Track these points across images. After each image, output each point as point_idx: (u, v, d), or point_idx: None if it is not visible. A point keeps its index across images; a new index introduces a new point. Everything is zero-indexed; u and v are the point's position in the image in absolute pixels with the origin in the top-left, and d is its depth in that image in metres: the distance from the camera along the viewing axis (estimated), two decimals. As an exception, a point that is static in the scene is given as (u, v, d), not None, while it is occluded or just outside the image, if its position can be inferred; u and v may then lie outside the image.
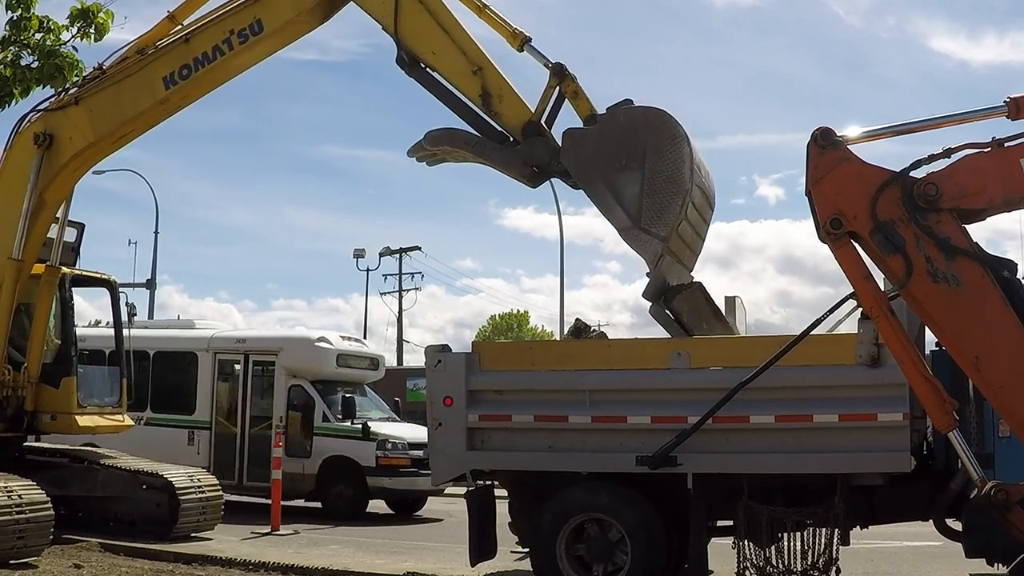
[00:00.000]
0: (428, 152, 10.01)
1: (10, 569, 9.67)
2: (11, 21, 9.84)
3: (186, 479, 13.15)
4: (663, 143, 8.68)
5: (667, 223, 8.61)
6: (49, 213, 12.02)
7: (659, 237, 8.62)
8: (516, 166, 9.52)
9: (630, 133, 8.82)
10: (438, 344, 9.96)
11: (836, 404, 8.46)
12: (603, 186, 8.90)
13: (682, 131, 8.70)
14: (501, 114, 9.56)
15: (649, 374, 9.04)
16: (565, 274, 42.15)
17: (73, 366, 12.91)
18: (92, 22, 9.96)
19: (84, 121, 11.21)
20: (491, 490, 10.02)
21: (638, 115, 8.89)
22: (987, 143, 6.48)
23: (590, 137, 9.08)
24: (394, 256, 54.73)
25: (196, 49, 10.64)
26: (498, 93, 9.53)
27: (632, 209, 8.71)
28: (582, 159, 9.05)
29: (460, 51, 9.65)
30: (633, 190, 8.70)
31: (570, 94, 9.44)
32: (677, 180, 8.61)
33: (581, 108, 9.40)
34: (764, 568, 8.71)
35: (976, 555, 8.18)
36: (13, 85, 9.97)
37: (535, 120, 9.46)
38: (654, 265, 8.67)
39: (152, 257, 36.24)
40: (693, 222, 9.17)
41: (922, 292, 6.41)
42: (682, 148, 8.61)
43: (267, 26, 10.39)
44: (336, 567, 11.15)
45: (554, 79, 9.44)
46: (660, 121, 8.75)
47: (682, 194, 8.59)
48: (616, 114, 9.05)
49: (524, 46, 9.77)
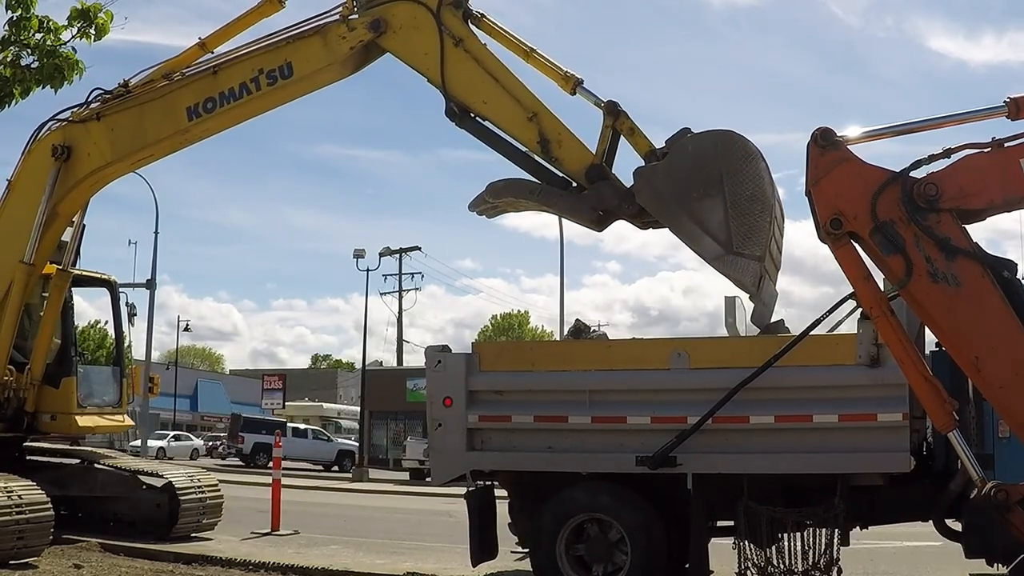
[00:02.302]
0: (490, 205, 9.68)
1: (10, 569, 9.67)
2: (11, 21, 9.85)
3: (186, 479, 13.15)
4: (738, 163, 8.45)
5: (760, 242, 8.36)
6: (62, 224, 11.96)
7: (755, 257, 8.34)
8: (585, 212, 9.23)
9: (702, 160, 8.53)
10: (438, 344, 9.96)
11: (836, 404, 8.45)
12: (686, 218, 8.58)
13: (754, 148, 8.51)
14: (562, 160, 9.28)
15: (649, 374, 9.04)
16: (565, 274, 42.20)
17: (73, 366, 12.92)
18: (92, 22, 9.97)
19: (104, 139, 11.09)
20: (491, 490, 10.02)
21: (706, 140, 8.63)
22: (987, 143, 6.49)
23: (662, 171, 8.78)
24: (394, 256, 54.85)
25: (223, 84, 10.42)
26: (556, 139, 9.25)
27: (721, 235, 8.41)
28: (659, 195, 8.75)
29: (513, 98, 9.37)
30: (717, 216, 8.42)
31: (626, 131, 9.20)
32: (760, 198, 8.40)
33: (640, 145, 9.16)
34: (765, 568, 8.71)
35: (976, 555, 8.18)
36: (13, 85, 9.98)
37: (597, 163, 9.17)
38: (756, 288, 8.39)
39: (152, 257, 36.26)
40: (776, 239, 8.95)
41: (922, 292, 6.41)
42: (758, 165, 8.42)
43: (297, 71, 10.15)
44: (336, 567, 11.14)
45: (609, 118, 9.20)
46: (731, 142, 8.52)
47: (768, 210, 8.38)
48: (684, 144, 8.76)
49: (576, 89, 9.50)
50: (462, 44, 9.47)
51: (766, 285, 8.54)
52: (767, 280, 8.55)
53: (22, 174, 11.70)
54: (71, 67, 10.05)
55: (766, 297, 8.73)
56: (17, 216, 11.57)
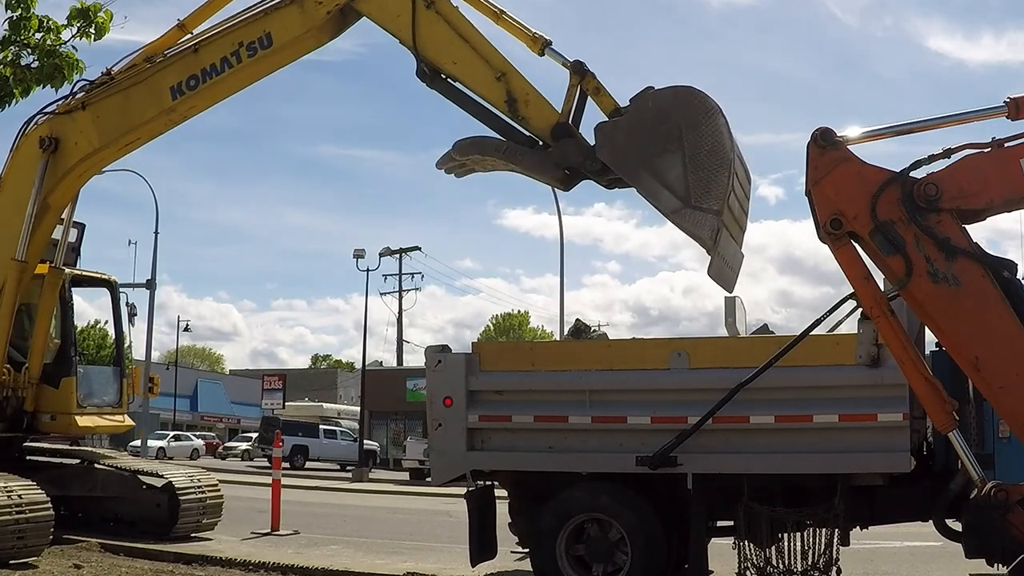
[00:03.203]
0: (457, 163, 9.84)
1: (10, 569, 9.67)
2: (11, 21, 9.84)
3: (186, 479, 13.16)
4: (698, 118, 8.48)
5: (718, 197, 8.38)
6: (53, 217, 12.00)
7: (712, 211, 8.35)
8: (548, 169, 9.36)
9: (662, 115, 8.59)
10: (438, 344, 9.97)
11: (836, 404, 8.46)
12: (646, 173, 8.64)
13: (713, 103, 8.53)
14: (528, 118, 9.41)
15: (649, 374, 9.04)
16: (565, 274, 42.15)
17: (73, 366, 12.91)
18: (92, 22, 9.96)
19: (90, 127, 11.17)
20: (491, 490, 10.03)
21: (666, 96, 8.66)
22: (987, 143, 6.49)
23: (623, 128, 8.87)
24: (394, 256, 54.86)
25: (204, 60, 10.55)
26: (524, 98, 9.40)
27: (679, 189, 8.44)
28: (619, 151, 8.83)
29: (482, 59, 9.52)
30: (677, 171, 8.46)
31: (592, 91, 9.30)
32: (719, 153, 8.41)
33: (604, 103, 9.28)
34: (764, 568, 8.71)
35: (976, 555, 8.17)
36: (13, 85, 9.97)
37: (563, 121, 9.31)
38: (714, 241, 8.40)
39: (152, 257, 36.19)
40: (739, 196, 8.98)
41: (922, 292, 6.41)
42: (717, 120, 8.43)
43: (276, 40, 10.28)
44: (336, 567, 11.15)
45: (575, 77, 9.34)
46: (690, 97, 8.54)
47: (726, 164, 8.39)
48: (644, 99, 8.83)
49: (544, 50, 9.66)
50: (433, 6, 9.61)
51: (724, 240, 8.55)
52: (724, 235, 8.56)
53: (11, 171, 11.70)
54: (71, 67, 10.05)
55: (725, 252, 8.73)
56: (7, 214, 11.57)
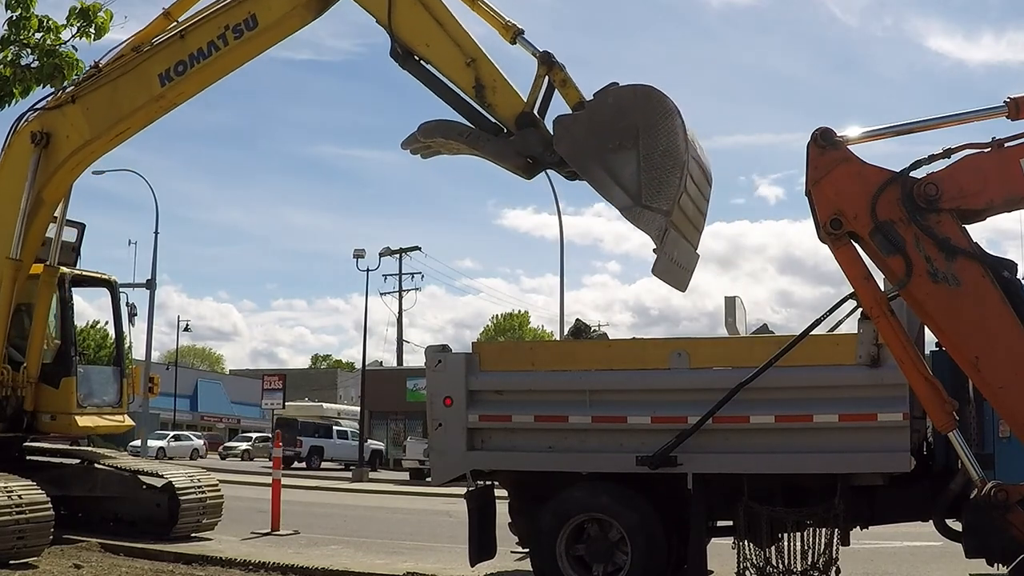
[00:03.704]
0: (422, 144, 10.00)
1: (10, 569, 9.67)
2: (11, 21, 9.85)
3: (186, 479, 13.15)
4: (654, 118, 8.61)
5: (668, 197, 8.52)
6: (47, 212, 12.03)
7: (662, 211, 8.51)
8: (510, 157, 9.51)
9: (620, 112, 8.74)
10: (438, 344, 9.97)
11: (836, 404, 8.46)
12: (600, 169, 8.83)
13: (672, 104, 8.64)
14: (495, 105, 9.56)
15: (649, 374, 9.04)
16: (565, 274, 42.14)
17: (73, 366, 12.91)
18: (92, 21, 9.97)
19: (81, 119, 11.25)
20: (491, 490, 10.02)
21: (627, 93, 8.80)
22: (987, 143, 6.48)
23: (581, 122, 9.02)
24: (394, 256, 54.83)
25: (191, 45, 10.68)
26: (492, 84, 9.54)
27: (631, 187, 8.62)
28: (576, 145, 8.99)
29: (454, 43, 9.65)
30: (630, 168, 8.63)
31: (558, 82, 9.42)
32: (673, 153, 8.55)
33: (570, 96, 9.39)
34: (764, 568, 8.71)
35: (976, 555, 8.18)
36: (13, 85, 9.98)
37: (528, 111, 9.45)
38: (660, 240, 8.55)
39: (152, 257, 36.21)
40: (693, 196, 9.09)
41: (922, 292, 6.41)
42: (674, 121, 8.54)
43: (261, 21, 10.42)
44: (336, 567, 11.15)
45: (543, 68, 9.43)
46: (649, 97, 8.66)
47: (680, 166, 8.51)
48: (604, 95, 8.98)
49: (516, 38, 9.76)
50: None
51: (673, 240, 8.67)
52: (674, 235, 8.69)
53: (3, 169, 11.74)
54: (71, 66, 10.06)
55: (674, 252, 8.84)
56: (1, 211, 11.59)
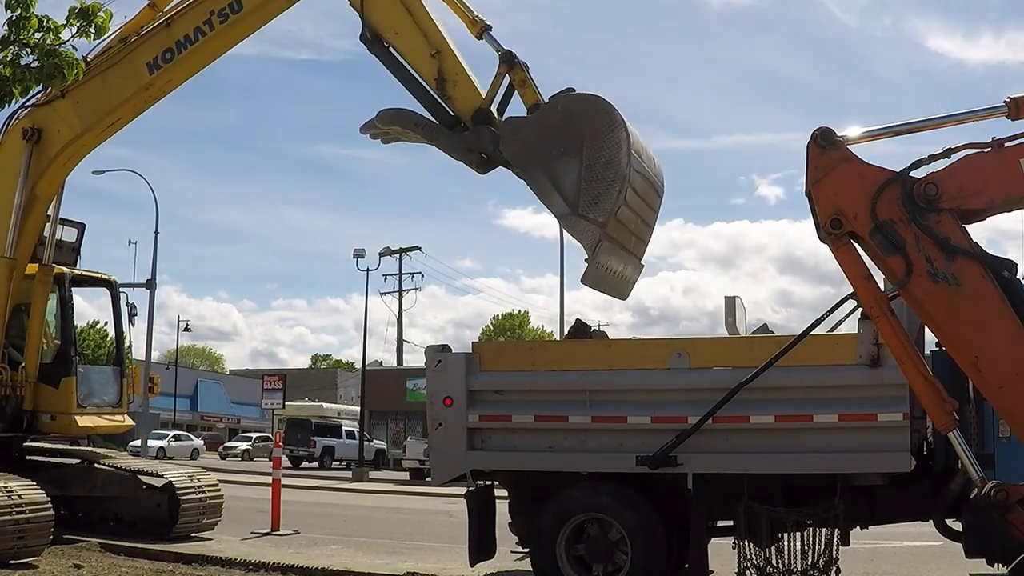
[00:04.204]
0: (381, 130, 10.10)
1: (10, 569, 9.67)
2: (11, 21, 9.84)
3: (186, 479, 13.15)
4: (600, 129, 8.71)
5: (605, 209, 8.65)
6: (41, 209, 12.06)
7: (596, 223, 8.66)
8: (462, 152, 9.63)
9: (568, 120, 8.86)
10: (438, 344, 9.97)
11: (836, 404, 8.45)
12: (542, 173, 8.95)
13: (619, 117, 8.73)
14: (454, 99, 9.66)
15: (649, 374, 9.04)
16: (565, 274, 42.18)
17: (73, 366, 12.91)
18: (91, 21, 9.96)
19: (71, 113, 11.33)
20: (491, 490, 10.02)
21: (576, 102, 8.92)
22: (987, 143, 6.49)
23: (530, 125, 9.15)
24: (394, 256, 54.80)
25: (178, 32, 10.78)
26: (453, 78, 9.64)
27: (570, 196, 8.75)
28: (522, 147, 9.13)
29: (422, 33, 9.75)
30: (572, 177, 8.75)
31: (517, 82, 9.52)
32: (614, 166, 8.65)
33: (527, 97, 9.50)
34: (764, 568, 8.71)
35: (976, 555, 8.18)
36: (13, 85, 9.98)
37: (484, 107, 9.55)
38: (592, 251, 8.72)
39: (152, 257, 36.15)
40: (636, 208, 9.20)
41: (922, 292, 6.41)
42: (619, 134, 8.64)
43: (246, 4, 10.51)
44: (336, 567, 11.15)
45: (504, 67, 9.53)
46: (597, 108, 8.77)
47: (619, 180, 8.62)
48: (555, 102, 9.12)
49: (483, 34, 9.87)
50: None
51: (606, 250, 8.77)
52: (608, 246, 8.78)
53: None
54: (71, 66, 10.06)
55: (607, 261, 8.96)
56: None
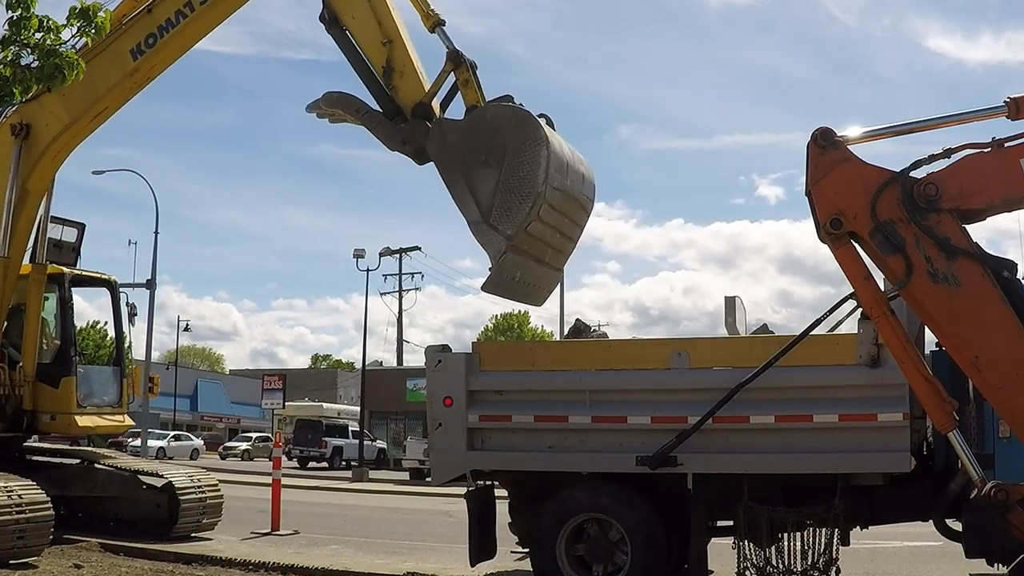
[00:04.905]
0: (326, 111, 10.21)
1: (10, 569, 9.67)
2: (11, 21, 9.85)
3: (186, 479, 13.15)
4: (523, 144, 8.82)
5: (514, 223, 8.78)
6: (33, 204, 12.09)
7: (504, 235, 8.79)
8: (396, 143, 9.71)
9: (495, 131, 8.96)
10: (438, 344, 9.97)
11: (836, 404, 8.45)
12: (461, 178, 9.07)
13: (543, 134, 8.83)
14: (398, 89, 9.75)
15: (649, 374, 9.04)
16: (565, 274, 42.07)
17: (73, 366, 12.92)
18: (92, 21, 9.97)
19: (58, 105, 11.40)
20: (491, 490, 10.02)
21: (505, 114, 9.03)
22: (987, 143, 6.50)
23: (458, 129, 9.26)
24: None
25: (159, 17, 10.91)
26: (400, 69, 9.73)
27: (484, 205, 8.89)
28: (446, 148, 9.23)
29: (376, 20, 9.83)
30: (488, 186, 8.87)
31: (461, 82, 9.60)
32: (531, 182, 8.77)
33: (468, 97, 9.59)
34: (764, 568, 8.71)
35: (976, 555, 8.18)
36: (13, 85, 9.99)
37: (425, 101, 9.63)
38: (495, 261, 8.88)
39: (152, 257, 36.13)
40: (553, 222, 9.33)
41: (922, 292, 6.41)
42: (540, 151, 8.75)
43: None
44: (336, 567, 11.15)
45: (449, 64, 9.61)
46: (523, 123, 8.88)
47: (533, 196, 8.73)
48: (485, 110, 9.24)
49: (436, 28, 9.94)
50: None
51: (512, 262, 8.96)
52: (514, 258, 8.95)
53: None
54: (71, 66, 10.07)
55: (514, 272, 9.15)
56: None
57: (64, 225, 13.50)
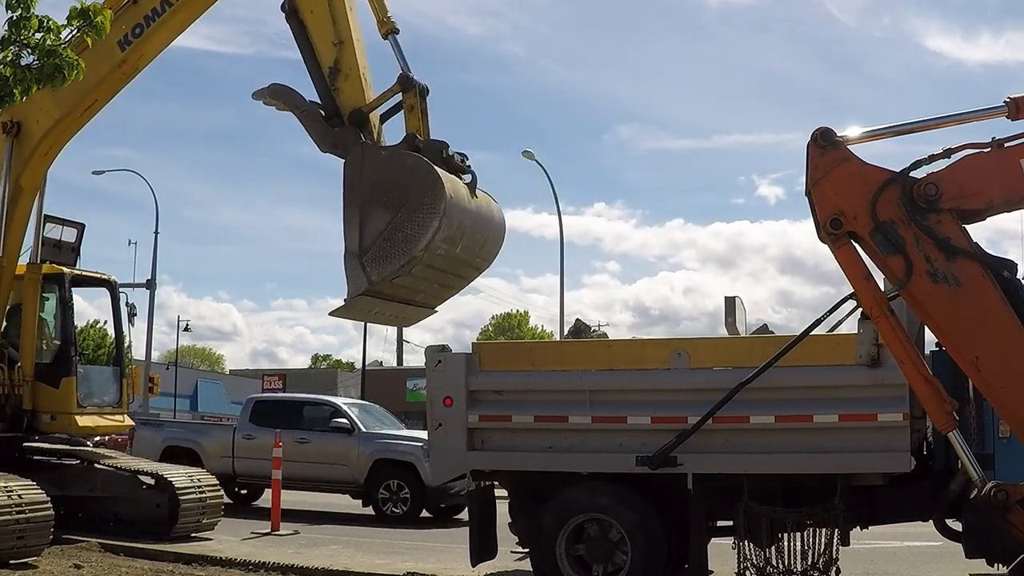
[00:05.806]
0: (271, 101, 10.15)
1: (10, 569, 9.67)
2: (11, 21, 9.86)
3: (186, 479, 13.15)
4: (420, 205, 8.81)
5: (381, 272, 8.84)
6: (27, 202, 12.10)
7: (368, 279, 8.86)
8: (328, 145, 9.66)
9: (407, 179, 8.95)
10: (438, 344, 9.98)
11: (836, 404, 8.46)
12: (356, 209, 9.07)
13: (443, 207, 8.76)
14: (340, 91, 9.72)
15: (649, 374, 9.05)
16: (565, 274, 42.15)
17: (73, 366, 12.92)
18: (92, 22, 9.98)
19: (48, 101, 11.38)
20: (491, 490, 10.02)
21: (421, 168, 8.98)
22: (987, 143, 6.50)
23: (375, 160, 9.22)
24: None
25: (145, 7, 10.94)
26: (346, 71, 9.70)
27: (365, 243, 8.92)
28: (359, 175, 9.20)
29: (331, 19, 9.79)
30: (377, 227, 8.89)
31: (407, 107, 9.65)
32: (411, 244, 8.79)
33: (409, 124, 9.62)
34: (764, 568, 8.71)
35: (976, 555, 8.18)
36: (13, 85, 9.99)
37: (364, 110, 9.63)
38: (350, 299, 9.01)
39: (152, 257, 36.30)
40: (431, 278, 9.40)
41: (922, 292, 6.42)
42: (431, 221, 8.74)
43: None
44: (336, 567, 11.15)
45: (397, 86, 9.66)
46: (431, 187, 8.82)
47: (406, 257, 8.80)
48: (407, 156, 9.22)
49: (388, 36, 9.95)
50: None
51: (365, 304, 9.11)
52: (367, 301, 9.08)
53: None
54: (71, 67, 10.08)
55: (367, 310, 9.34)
56: None
57: (64, 225, 13.50)
